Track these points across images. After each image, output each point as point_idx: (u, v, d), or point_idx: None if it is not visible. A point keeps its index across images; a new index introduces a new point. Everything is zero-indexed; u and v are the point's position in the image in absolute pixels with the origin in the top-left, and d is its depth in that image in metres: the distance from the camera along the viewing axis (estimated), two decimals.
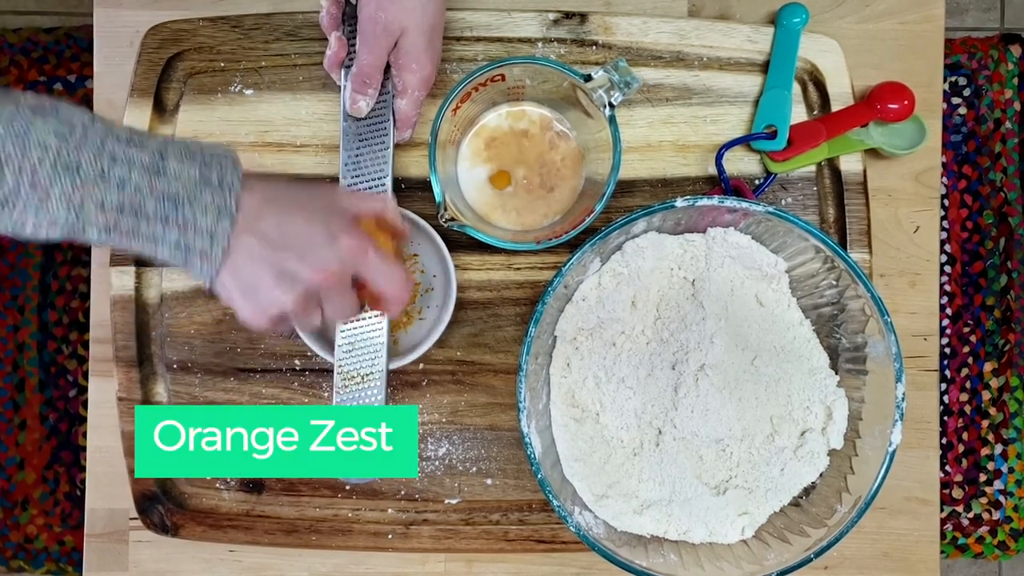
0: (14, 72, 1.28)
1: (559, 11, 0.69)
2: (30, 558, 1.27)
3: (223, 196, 0.48)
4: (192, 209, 0.47)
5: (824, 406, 0.62)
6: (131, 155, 0.47)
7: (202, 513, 0.68)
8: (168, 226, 0.47)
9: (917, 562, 0.70)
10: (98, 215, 0.46)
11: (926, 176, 0.71)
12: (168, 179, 0.47)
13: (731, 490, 0.62)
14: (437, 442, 0.68)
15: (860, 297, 0.59)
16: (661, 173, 0.69)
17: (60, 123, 0.45)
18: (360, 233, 0.53)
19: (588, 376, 0.62)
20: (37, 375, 1.27)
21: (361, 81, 0.62)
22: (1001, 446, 1.32)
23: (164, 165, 0.47)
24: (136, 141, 0.47)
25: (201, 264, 0.49)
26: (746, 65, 0.70)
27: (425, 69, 0.62)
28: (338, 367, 0.61)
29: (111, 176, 0.46)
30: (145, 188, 0.46)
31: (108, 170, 0.46)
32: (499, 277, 0.69)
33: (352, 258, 0.51)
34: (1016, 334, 1.32)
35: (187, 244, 0.48)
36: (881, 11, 0.71)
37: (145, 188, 0.46)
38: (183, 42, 0.68)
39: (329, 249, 0.51)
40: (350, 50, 0.63)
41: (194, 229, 0.48)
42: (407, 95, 0.63)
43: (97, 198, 0.46)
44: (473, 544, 0.68)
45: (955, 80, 1.32)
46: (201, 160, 0.49)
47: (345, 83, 0.63)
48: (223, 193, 0.48)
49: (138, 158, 0.47)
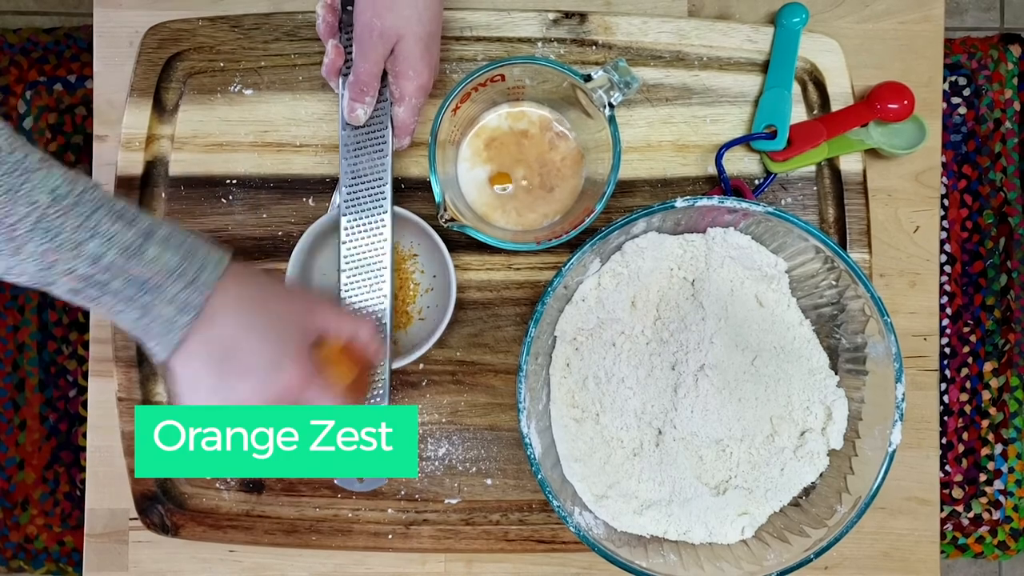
0: (14, 72, 1.28)
1: (559, 11, 0.69)
2: (30, 558, 1.27)
3: (192, 292, 0.49)
4: (156, 297, 0.48)
5: (824, 406, 0.62)
6: (114, 233, 0.47)
7: (202, 513, 0.68)
8: (129, 305, 0.48)
9: (917, 562, 0.70)
10: (65, 278, 0.46)
11: (926, 176, 0.71)
12: (143, 264, 0.47)
13: (731, 490, 0.62)
14: (437, 442, 0.68)
15: (860, 297, 0.59)
16: (661, 173, 0.69)
17: (62, 181, 0.46)
18: (306, 363, 0.52)
19: (588, 376, 0.62)
20: (37, 375, 1.27)
21: (358, 89, 0.62)
22: (1001, 446, 1.32)
23: (144, 249, 0.47)
24: (127, 216, 0.47)
25: (155, 346, 0.49)
26: (746, 65, 0.70)
27: (422, 76, 0.62)
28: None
29: (86, 250, 0.46)
30: (117, 268, 0.47)
31: (85, 243, 0.46)
32: (499, 277, 0.69)
33: (287, 392, 0.51)
34: (1016, 334, 1.32)
35: (144, 326, 0.49)
36: (881, 11, 0.71)
37: (117, 268, 0.47)
38: (183, 42, 0.68)
39: (269, 377, 0.51)
40: (347, 58, 0.63)
41: (152, 316, 0.48)
42: (404, 103, 0.63)
43: (68, 265, 0.46)
44: (473, 544, 0.68)
45: (955, 80, 1.33)
46: (186, 251, 0.49)
47: (343, 91, 0.63)
48: (193, 289, 0.49)
49: (120, 238, 0.47)
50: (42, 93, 1.28)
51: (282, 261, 0.65)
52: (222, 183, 0.68)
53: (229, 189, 0.68)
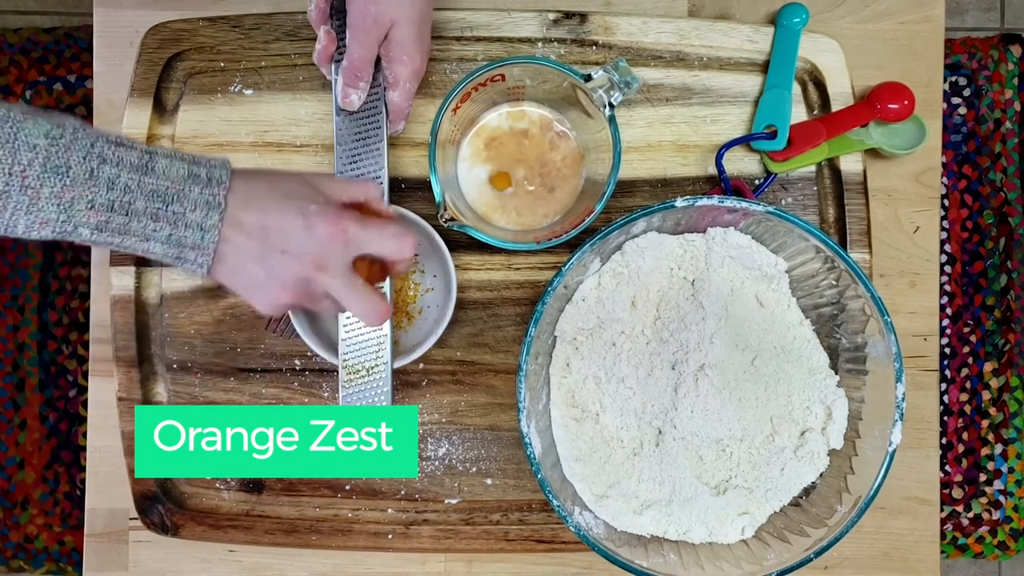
0: (14, 72, 1.28)
1: (559, 11, 0.69)
2: (30, 558, 1.27)
3: (212, 191, 0.49)
4: (181, 204, 0.48)
5: (824, 406, 0.62)
6: (120, 155, 0.47)
7: (202, 513, 0.68)
8: (158, 222, 0.48)
9: (917, 562, 0.70)
10: (88, 214, 0.46)
11: (926, 176, 0.71)
12: (157, 176, 0.48)
13: (731, 490, 0.62)
14: (437, 442, 0.68)
15: (860, 297, 0.59)
16: (661, 173, 0.69)
17: (51, 125, 0.46)
18: (335, 218, 0.51)
19: (588, 376, 0.62)
20: (37, 375, 1.27)
21: (352, 74, 0.62)
22: (1001, 446, 1.32)
23: (153, 164, 0.48)
24: (126, 143, 0.48)
25: (195, 257, 0.49)
26: (746, 65, 0.70)
27: (416, 61, 0.62)
28: (343, 361, 0.61)
29: (100, 175, 0.46)
30: (134, 186, 0.47)
31: (97, 170, 0.46)
32: (499, 277, 0.69)
33: (331, 243, 0.51)
34: (1016, 334, 1.32)
35: (178, 239, 0.48)
36: (881, 11, 0.71)
37: (134, 186, 0.47)
38: (183, 42, 0.68)
39: (306, 238, 0.50)
40: (340, 44, 0.63)
41: (184, 224, 0.48)
42: (399, 87, 0.63)
43: (87, 197, 0.46)
44: (473, 544, 0.68)
45: (955, 80, 1.32)
46: (191, 159, 0.49)
47: (336, 77, 0.63)
48: (211, 188, 0.49)
49: (127, 158, 0.47)
50: (42, 93, 1.28)
51: None
52: None
53: None
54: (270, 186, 0.52)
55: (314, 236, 0.50)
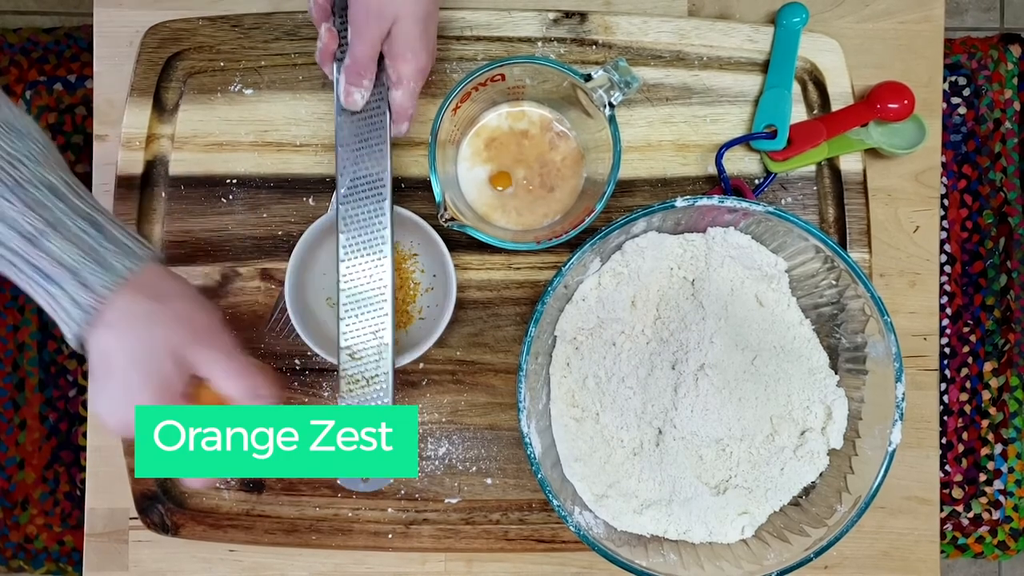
0: (14, 72, 1.28)
1: (559, 10, 0.69)
2: (30, 558, 1.27)
3: (87, 295, 0.49)
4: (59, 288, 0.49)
5: (824, 406, 0.62)
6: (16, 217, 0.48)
7: (202, 513, 0.68)
8: (36, 290, 0.50)
9: (917, 562, 0.70)
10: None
11: (926, 176, 0.71)
12: (42, 254, 0.49)
13: (731, 490, 0.62)
14: (437, 442, 0.68)
15: (860, 297, 0.59)
16: (661, 173, 0.69)
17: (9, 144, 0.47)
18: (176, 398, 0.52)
19: (588, 376, 0.62)
20: (37, 375, 1.27)
21: (355, 72, 0.60)
22: (1001, 446, 1.32)
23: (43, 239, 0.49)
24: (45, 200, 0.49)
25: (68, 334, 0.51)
26: (746, 65, 0.70)
27: (420, 59, 0.60)
28: (342, 372, 0.61)
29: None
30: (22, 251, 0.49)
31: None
32: (499, 277, 0.69)
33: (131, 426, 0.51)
34: (1016, 334, 1.32)
35: (52, 311, 0.50)
36: (881, 11, 0.71)
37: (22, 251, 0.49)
38: (183, 42, 0.68)
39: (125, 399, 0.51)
40: (341, 42, 0.61)
41: (55, 305, 0.50)
42: (403, 86, 0.60)
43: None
44: (473, 544, 0.68)
45: (955, 80, 1.33)
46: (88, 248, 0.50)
47: (338, 76, 0.61)
48: (87, 292, 0.49)
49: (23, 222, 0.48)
50: (42, 93, 1.28)
51: (282, 260, 0.65)
52: (222, 183, 0.68)
53: (229, 189, 0.68)
54: (147, 325, 0.51)
55: (129, 408, 0.51)
